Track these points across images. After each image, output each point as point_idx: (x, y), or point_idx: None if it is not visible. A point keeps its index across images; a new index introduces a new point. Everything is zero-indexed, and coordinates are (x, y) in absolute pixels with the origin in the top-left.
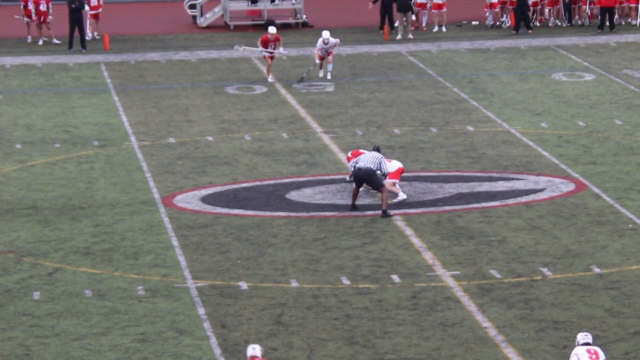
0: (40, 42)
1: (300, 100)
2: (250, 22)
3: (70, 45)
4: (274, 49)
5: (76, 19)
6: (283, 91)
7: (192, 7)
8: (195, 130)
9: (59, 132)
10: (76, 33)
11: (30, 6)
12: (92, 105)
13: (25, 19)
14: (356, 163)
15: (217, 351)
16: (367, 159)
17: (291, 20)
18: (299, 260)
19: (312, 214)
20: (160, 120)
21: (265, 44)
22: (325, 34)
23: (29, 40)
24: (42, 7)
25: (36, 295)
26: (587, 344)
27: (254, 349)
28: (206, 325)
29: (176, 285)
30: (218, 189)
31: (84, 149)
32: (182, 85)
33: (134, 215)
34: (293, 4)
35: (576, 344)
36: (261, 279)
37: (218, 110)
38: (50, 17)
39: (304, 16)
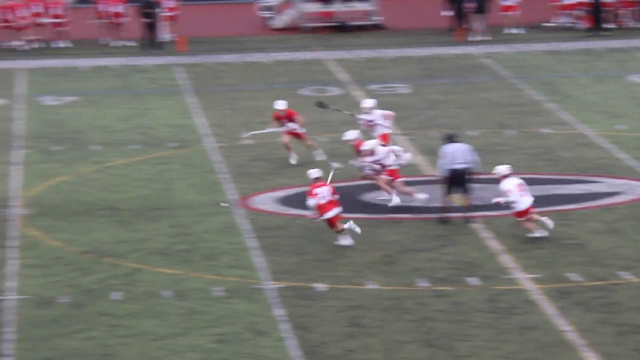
0: (116, 44)
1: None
2: (324, 24)
3: (146, 47)
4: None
5: (151, 21)
6: (357, 93)
7: (266, 9)
8: (271, 132)
9: (135, 134)
10: (151, 35)
11: (104, 8)
12: (167, 106)
13: (97, 20)
14: (452, 162)
15: (295, 353)
16: (461, 154)
17: (365, 22)
18: (375, 262)
19: (388, 215)
20: (236, 122)
21: (279, 122)
22: (366, 102)
23: (105, 42)
24: (116, 9)
25: (116, 295)
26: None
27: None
28: (284, 326)
29: (253, 286)
30: (294, 190)
31: (160, 150)
32: (256, 87)
33: (210, 216)
34: (366, 5)
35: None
36: (338, 280)
37: None
38: (124, 18)
39: (378, 18)
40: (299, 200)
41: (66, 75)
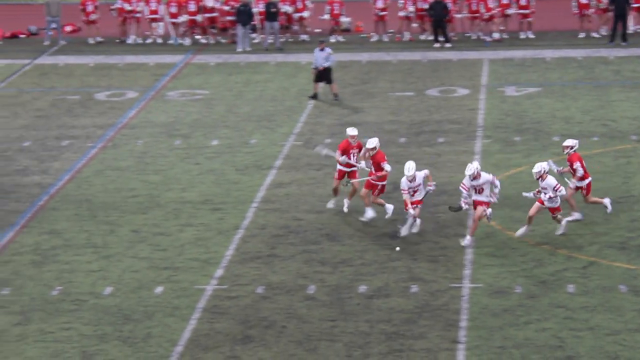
0: (581, 35)
1: None
2: None
3: (612, 38)
4: (356, 161)
5: (620, 12)
6: None
7: None
8: None
9: (597, 126)
10: (620, 26)
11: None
12: (631, 99)
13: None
14: None
15: None
16: None
17: None
18: None
19: None
20: None
21: (346, 153)
22: (409, 167)
23: (578, 33)
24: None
25: (570, 288)
26: None
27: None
28: None
29: None
30: None
31: (621, 143)
32: None
33: None
34: None
35: None
36: None
37: None
38: (590, 10)
39: None
40: None
41: (529, 66)
